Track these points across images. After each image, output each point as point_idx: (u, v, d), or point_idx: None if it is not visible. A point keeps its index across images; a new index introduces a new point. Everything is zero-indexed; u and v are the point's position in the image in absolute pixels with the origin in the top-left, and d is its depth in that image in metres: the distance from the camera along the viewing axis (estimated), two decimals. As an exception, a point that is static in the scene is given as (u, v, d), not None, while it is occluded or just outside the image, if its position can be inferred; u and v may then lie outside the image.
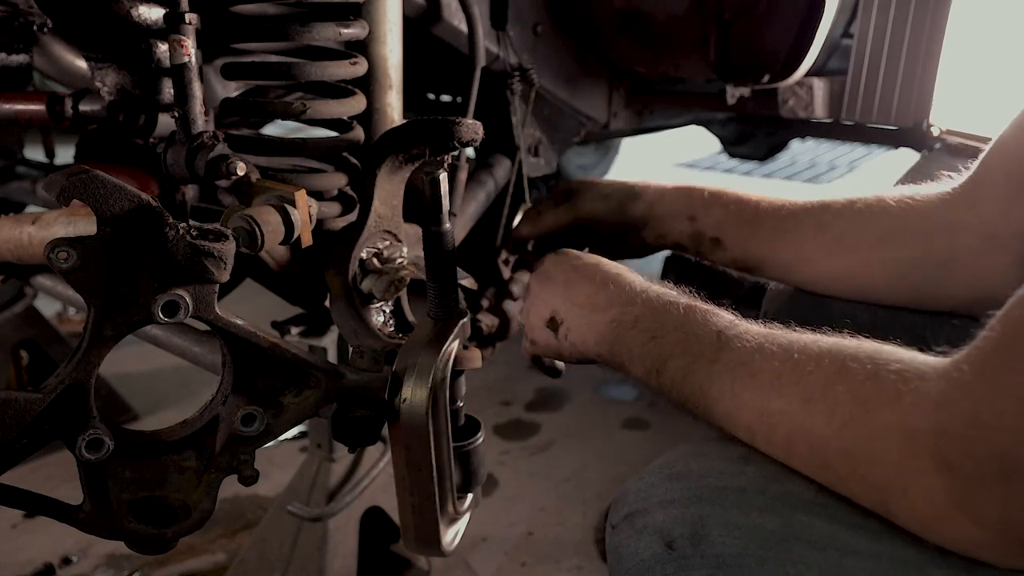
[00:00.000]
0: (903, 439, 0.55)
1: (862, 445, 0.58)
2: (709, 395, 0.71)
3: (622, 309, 0.83)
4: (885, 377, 0.58)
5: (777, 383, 0.65)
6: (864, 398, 0.59)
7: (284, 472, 1.94)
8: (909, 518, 0.57)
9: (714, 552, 0.62)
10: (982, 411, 0.52)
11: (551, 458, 2.25)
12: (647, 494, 0.70)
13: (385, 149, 0.98)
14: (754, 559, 0.61)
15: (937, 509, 0.54)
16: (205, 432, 0.78)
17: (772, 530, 0.61)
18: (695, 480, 0.68)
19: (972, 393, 0.53)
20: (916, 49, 1.67)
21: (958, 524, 0.54)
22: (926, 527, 0.56)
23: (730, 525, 0.63)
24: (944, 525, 0.55)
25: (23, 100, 1.26)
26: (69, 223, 1.09)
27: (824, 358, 0.64)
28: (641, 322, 0.81)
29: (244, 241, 0.87)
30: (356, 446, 0.84)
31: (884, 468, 0.57)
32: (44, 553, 1.85)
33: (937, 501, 0.54)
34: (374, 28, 1.13)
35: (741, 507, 0.64)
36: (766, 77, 1.67)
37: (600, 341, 0.85)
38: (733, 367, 0.69)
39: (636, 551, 0.68)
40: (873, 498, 0.59)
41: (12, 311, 2.23)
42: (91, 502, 0.72)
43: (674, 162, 6.16)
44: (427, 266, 0.89)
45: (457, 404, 0.91)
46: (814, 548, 0.59)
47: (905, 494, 0.56)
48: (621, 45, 1.87)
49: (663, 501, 0.68)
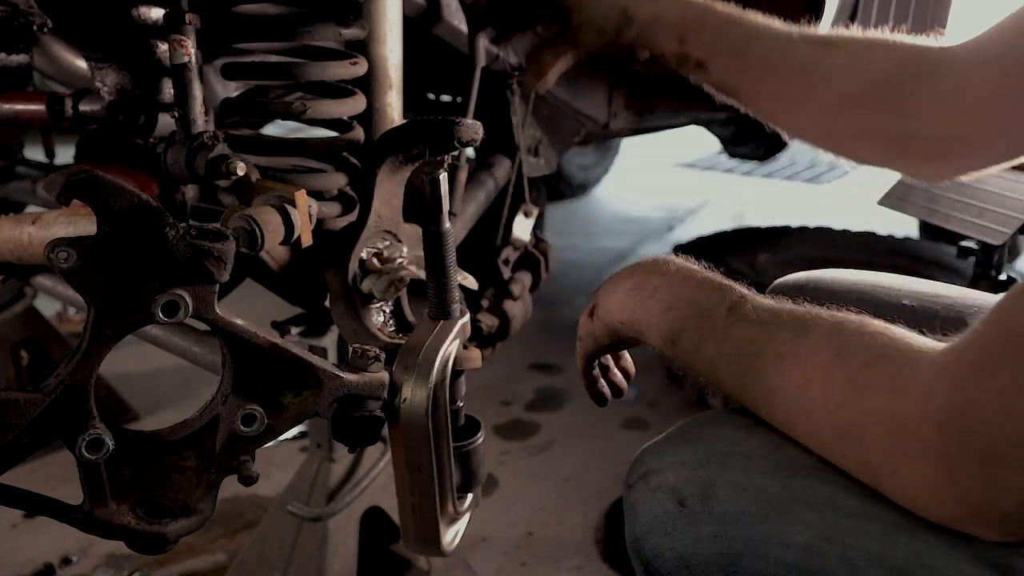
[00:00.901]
0: (893, 426, 0.59)
1: (854, 429, 0.62)
2: (718, 370, 0.75)
3: (643, 277, 0.86)
4: (880, 364, 0.62)
5: (779, 364, 0.68)
6: (859, 383, 0.62)
7: (284, 472, 1.94)
8: (897, 496, 0.60)
9: (721, 510, 0.68)
10: (969, 402, 0.55)
11: (551, 458, 2.25)
12: (661, 456, 0.76)
13: (385, 149, 0.98)
14: (757, 517, 0.66)
15: (923, 491, 0.58)
16: (205, 432, 0.78)
17: (774, 492, 0.67)
18: (706, 445, 0.74)
19: (960, 385, 0.56)
20: (916, 49, 1.67)
21: (943, 504, 0.57)
22: (915, 505, 0.59)
23: (736, 486, 0.68)
24: (930, 504, 0.58)
25: (23, 100, 1.26)
26: (69, 223, 1.09)
27: (823, 340, 0.67)
28: (660, 291, 0.83)
29: (244, 241, 0.87)
30: (356, 446, 0.84)
31: (874, 452, 0.61)
32: (44, 553, 1.85)
33: (923, 484, 0.58)
34: (374, 28, 1.13)
35: (746, 470, 0.69)
36: (766, 77, 1.67)
37: (621, 308, 0.87)
38: (741, 345, 0.72)
39: (650, 508, 0.73)
40: (864, 476, 0.63)
41: (12, 311, 2.23)
42: (91, 502, 0.72)
43: (674, 162, 6.16)
44: (427, 266, 0.89)
45: (457, 404, 0.91)
46: (812, 509, 0.64)
47: (893, 475, 0.60)
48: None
49: (675, 463, 0.74)
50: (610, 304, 0.89)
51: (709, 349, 0.75)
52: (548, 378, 2.74)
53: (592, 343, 0.95)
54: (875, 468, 0.61)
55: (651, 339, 0.83)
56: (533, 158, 1.81)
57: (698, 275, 0.83)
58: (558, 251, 1.79)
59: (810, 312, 0.70)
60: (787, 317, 0.71)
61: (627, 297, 0.86)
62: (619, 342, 0.92)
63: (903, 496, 0.60)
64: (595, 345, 0.95)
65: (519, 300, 1.66)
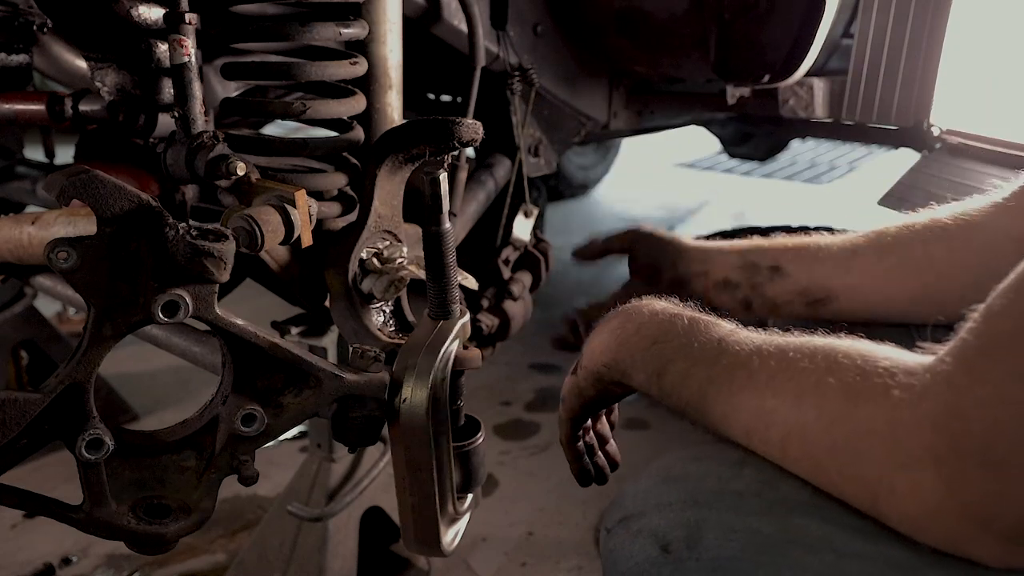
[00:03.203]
0: (889, 433, 0.56)
1: (850, 440, 0.58)
2: (707, 397, 0.71)
3: (626, 316, 0.83)
4: (873, 372, 0.59)
5: (772, 382, 0.66)
6: (853, 393, 0.59)
7: (284, 472, 1.93)
8: (899, 517, 0.57)
9: (710, 556, 0.62)
10: (962, 401, 0.52)
11: (551, 458, 2.25)
12: (643, 497, 0.70)
13: (385, 149, 0.98)
14: (750, 563, 0.60)
15: (925, 505, 0.54)
16: (205, 432, 0.78)
17: (768, 534, 0.61)
18: (691, 483, 0.68)
19: (953, 384, 0.53)
20: (916, 49, 1.67)
21: (946, 520, 0.54)
22: (916, 525, 0.56)
23: (726, 528, 0.62)
24: (933, 522, 0.55)
25: (23, 100, 1.26)
26: (69, 223, 1.09)
27: (817, 355, 0.64)
28: (644, 328, 0.80)
29: (244, 241, 0.87)
30: (356, 446, 0.84)
31: (871, 464, 0.57)
32: (44, 553, 1.85)
33: (924, 497, 0.54)
34: (374, 28, 1.13)
35: (737, 510, 0.63)
36: (766, 77, 1.67)
37: (605, 349, 0.83)
38: (731, 370, 0.69)
39: (631, 554, 0.67)
40: (864, 497, 0.59)
41: (12, 311, 2.23)
42: (91, 502, 0.72)
43: (674, 162, 6.16)
44: (427, 266, 0.89)
45: (457, 404, 0.91)
46: (810, 551, 0.59)
47: (893, 491, 0.56)
48: (621, 45, 1.87)
49: (659, 504, 0.68)
50: (594, 347, 0.85)
51: (698, 375, 0.72)
52: (548, 378, 2.74)
53: (577, 399, 0.89)
54: (873, 484, 0.58)
55: (636, 376, 0.80)
56: (533, 158, 1.81)
57: (686, 312, 0.80)
58: (558, 251, 1.79)
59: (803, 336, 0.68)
60: (780, 341, 0.69)
61: (610, 337, 0.83)
62: (604, 391, 0.86)
63: (904, 516, 0.56)
64: (580, 401, 0.89)
65: (519, 300, 1.66)
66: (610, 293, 1.16)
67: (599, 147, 5.00)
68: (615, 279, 3.97)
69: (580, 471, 0.95)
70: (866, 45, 1.72)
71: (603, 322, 0.86)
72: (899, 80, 1.71)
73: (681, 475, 0.70)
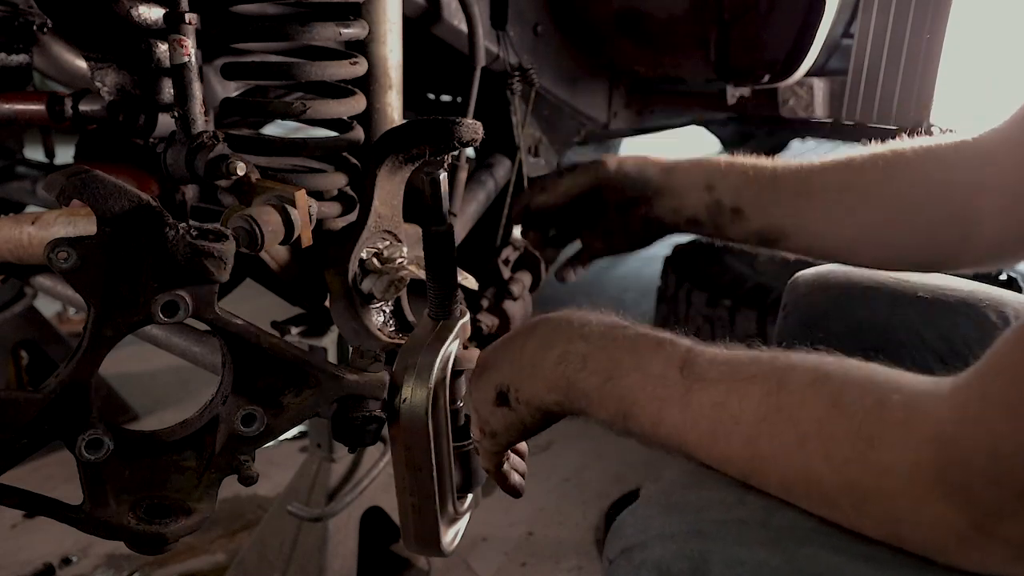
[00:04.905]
0: (913, 473, 0.54)
1: (869, 482, 0.56)
2: (688, 441, 0.68)
3: (565, 347, 0.76)
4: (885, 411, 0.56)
5: (763, 425, 0.62)
6: (867, 434, 0.56)
7: (284, 472, 1.93)
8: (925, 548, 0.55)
9: None
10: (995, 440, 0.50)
11: (551, 458, 2.25)
12: (644, 527, 0.67)
13: (385, 149, 0.98)
14: None
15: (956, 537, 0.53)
16: (205, 432, 0.78)
17: (775, 566, 0.59)
18: (694, 512, 0.65)
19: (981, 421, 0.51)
20: (916, 49, 1.67)
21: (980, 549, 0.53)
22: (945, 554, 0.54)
23: (732, 561, 0.60)
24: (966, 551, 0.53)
25: (23, 100, 1.26)
26: (69, 223, 1.09)
27: (810, 391, 0.61)
28: (591, 361, 0.74)
29: (244, 241, 0.87)
30: (356, 446, 0.84)
31: (895, 503, 0.55)
32: (44, 553, 1.85)
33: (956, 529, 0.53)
34: (374, 28, 1.13)
35: (743, 541, 0.61)
36: (766, 77, 1.67)
37: (552, 387, 0.77)
38: (709, 410, 0.66)
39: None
40: (884, 531, 0.57)
41: (12, 311, 2.23)
42: (91, 502, 0.72)
43: (674, 162, 6.15)
44: (427, 266, 0.89)
45: (457, 404, 0.91)
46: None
47: (919, 527, 0.55)
48: (621, 45, 1.87)
49: (662, 535, 0.65)
50: (536, 386, 0.78)
51: (671, 418, 0.68)
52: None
53: (514, 434, 0.83)
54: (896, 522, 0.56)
55: (595, 414, 0.74)
56: (533, 158, 1.81)
57: (627, 331, 0.74)
58: (558, 251, 1.79)
59: (776, 360, 0.65)
60: (753, 369, 0.65)
61: (554, 373, 0.76)
62: (550, 421, 0.81)
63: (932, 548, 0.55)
64: (519, 434, 0.83)
65: (519, 300, 1.66)
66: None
67: (599, 147, 4.99)
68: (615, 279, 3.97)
69: (511, 489, 0.92)
70: (866, 45, 1.72)
71: (533, 349, 0.79)
72: (899, 80, 1.71)
73: (682, 502, 0.67)
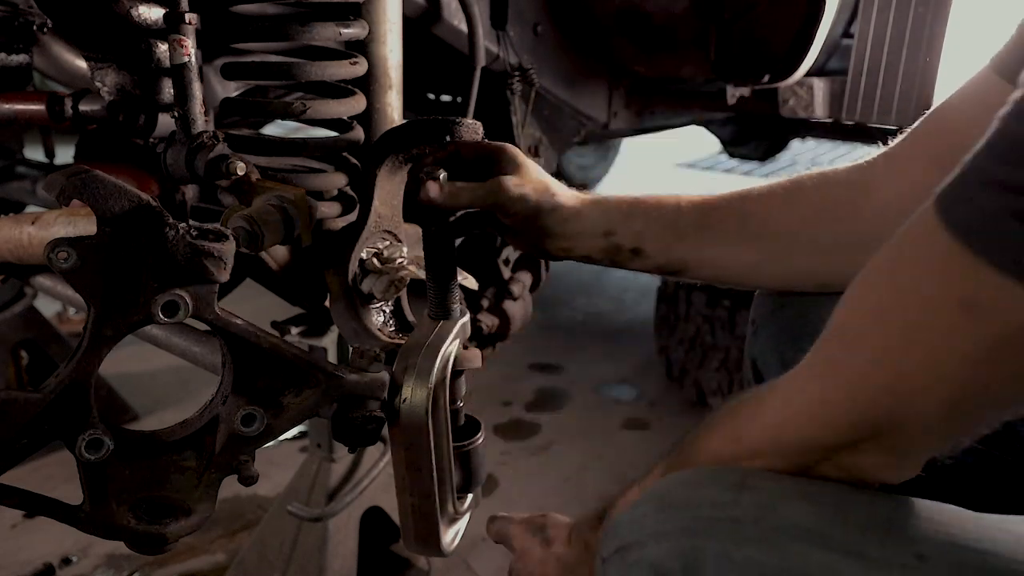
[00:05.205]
0: (774, 438, 0.67)
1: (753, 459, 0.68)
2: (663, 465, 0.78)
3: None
4: (747, 407, 0.70)
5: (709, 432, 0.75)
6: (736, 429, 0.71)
7: (284, 472, 1.93)
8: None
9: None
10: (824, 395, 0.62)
11: (551, 458, 2.25)
12: (639, 526, 0.68)
13: (385, 149, 0.98)
14: None
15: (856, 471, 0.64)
16: (205, 432, 0.78)
17: (768, 563, 0.60)
18: (688, 511, 0.66)
19: (814, 377, 0.64)
20: (916, 49, 1.67)
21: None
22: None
23: (724, 559, 0.62)
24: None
25: (23, 100, 1.26)
26: (69, 223, 1.09)
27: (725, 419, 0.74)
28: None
29: (244, 241, 0.87)
30: (356, 446, 0.84)
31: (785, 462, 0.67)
32: (44, 553, 1.85)
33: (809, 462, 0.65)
34: (374, 28, 1.13)
35: (736, 539, 0.62)
36: (766, 77, 1.67)
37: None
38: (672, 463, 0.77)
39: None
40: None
41: (12, 311, 2.23)
42: (91, 502, 0.72)
43: (674, 162, 6.16)
44: (427, 266, 0.89)
45: (457, 404, 0.91)
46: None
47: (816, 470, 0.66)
48: (621, 45, 1.87)
49: (655, 533, 0.66)
50: None
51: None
52: (548, 378, 2.74)
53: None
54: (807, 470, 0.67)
55: None
56: (533, 158, 1.81)
57: None
58: (558, 251, 1.79)
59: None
60: (690, 435, 0.77)
61: None
62: None
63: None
64: None
65: (519, 300, 1.66)
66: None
67: (599, 147, 4.99)
68: (615, 279, 3.96)
69: None
70: (866, 45, 1.72)
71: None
72: (899, 80, 1.71)
73: (677, 501, 0.68)
